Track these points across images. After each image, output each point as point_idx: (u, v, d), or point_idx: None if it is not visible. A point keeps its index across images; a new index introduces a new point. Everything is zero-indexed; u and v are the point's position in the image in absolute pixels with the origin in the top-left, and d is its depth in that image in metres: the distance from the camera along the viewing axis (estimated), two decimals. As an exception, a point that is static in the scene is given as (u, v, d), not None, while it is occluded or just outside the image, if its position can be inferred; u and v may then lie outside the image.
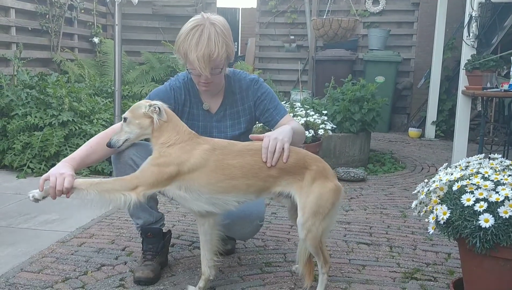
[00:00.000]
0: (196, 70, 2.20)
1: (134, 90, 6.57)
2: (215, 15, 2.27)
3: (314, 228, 2.07)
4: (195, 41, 2.16)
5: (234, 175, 2.05)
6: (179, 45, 2.23)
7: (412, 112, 8.42)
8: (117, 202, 2.02)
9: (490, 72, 4.91)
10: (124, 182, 2.05)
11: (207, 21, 2.20)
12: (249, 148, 2.13)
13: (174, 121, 2.12)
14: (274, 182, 2.10)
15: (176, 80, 2.46)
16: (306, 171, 2.10)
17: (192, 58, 2.17)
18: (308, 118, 4.86)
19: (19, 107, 4.75)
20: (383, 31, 8.12)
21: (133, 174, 2.07)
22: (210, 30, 2.17)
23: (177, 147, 2.06)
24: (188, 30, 2.20)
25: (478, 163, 2.20)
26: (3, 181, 4.32)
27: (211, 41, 2.16)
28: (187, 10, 8.43)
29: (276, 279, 2.47)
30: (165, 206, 3.61)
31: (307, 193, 2.08)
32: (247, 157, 2.09)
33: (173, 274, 2.51)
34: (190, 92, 2.43)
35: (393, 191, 4.34)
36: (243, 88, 2.47)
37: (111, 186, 2.03)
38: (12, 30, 6.21)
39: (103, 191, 2.02)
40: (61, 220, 3.33)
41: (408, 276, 2.54)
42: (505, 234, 1.92)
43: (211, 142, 2.12)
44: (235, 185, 2.06)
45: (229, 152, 2.09)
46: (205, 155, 2.05)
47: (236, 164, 2.06)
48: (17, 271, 2.49)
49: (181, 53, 2.23)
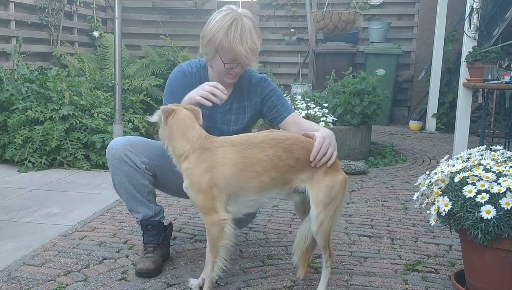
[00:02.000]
0: (241, 62, 2.24)
1: (134, 84, 6.56)
2: (240, 8, 2.30)
3: (326, 221, 2.09)
4: (239, 35, 2.19)
5: (263, 169, 2.04)
6: (219, 40, 2.20)
7: (412, 104, 8.41)
8: (224, 238, 2.05)
9: (491, 64, 4.89)
10: (210, 224, 2.04)
11: (239, 13, 2.23)
12: (271, 137, 2.09)
13: (182, 126, 2.07)
14: (295, 174, 2.09)
15: (188, 66, 2.46)
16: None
17: (239, 52, 2.19)
18: (309, 111, 4.86)
19: (20, 101, 4.75)
20: (383, 23, 8.09)
21: (202, 212, 2.07)
22: (247, 23, 2.22)
23: (192, 160, 2.03)
24: (227, 25, 2.20)
25: (479, 154, 2.20)
26: (4, 175, 4.32)
27: (252, 34, 2.22)
28: (187, 4, 8.40)
29: (278, 272, 2.47)
30: (166, 199, 3.61)
31: (319, 186, 2.08)
32: (268, 151, 2.06)
33: (175, 267, 2.52)
34: (202, 80, 2.42)
35: (394, 183, 4.34)
36: (252, 84, 2.48)
37: (213, 238, 2.05)
38: (12, 24, 6.19)
39: (215, 247, 2.06)
40: (63, 214, 3.33)
41: (409, 268, 2.54)
42: (507, 225, 1.92)
43: (227, 140, 2.09)
44: (263, 183, 2.06)
45: (252, 145, 2.06)
46: (227, 156, 2.03)
47: (263, 157, 2.04)
48: (19, 265, 2.50)
49: (224, 47, 2.21)
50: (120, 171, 2.38)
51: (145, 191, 2.44)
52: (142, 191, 2.43)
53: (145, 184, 2.43)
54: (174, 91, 2.41)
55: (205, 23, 2.30)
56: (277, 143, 2.07)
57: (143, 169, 2.39)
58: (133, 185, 2.39)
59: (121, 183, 2.40)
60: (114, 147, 2.38)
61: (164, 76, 7.14)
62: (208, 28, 2.25)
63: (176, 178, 2.16)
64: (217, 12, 2.27)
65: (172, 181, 2.32)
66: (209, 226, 2.06)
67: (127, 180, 2.38)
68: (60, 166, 4.61)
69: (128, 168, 2.37)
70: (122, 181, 2.39)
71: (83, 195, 3.80)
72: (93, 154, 4.66)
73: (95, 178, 4.30)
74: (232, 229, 2.06)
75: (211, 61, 2.34)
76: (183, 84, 2.38)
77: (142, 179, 2.41)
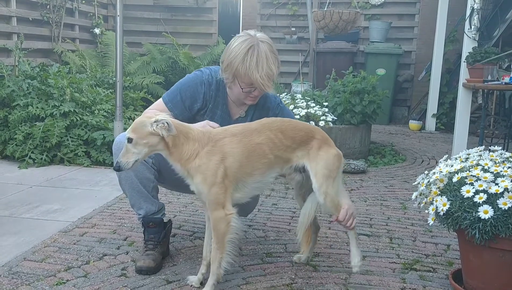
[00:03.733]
0: (257, 87, 2.30)
1: (135, 81, 6.57)
2: (258, 32, 2.36)
3: (329, 191, 2.21)
4: (255, 62, 2.24)
5: (265, 152, 2.14)
6: (236, 66, 2.27)
7: (412, 104, 8.42)
8: (231, 232, 2.10)
9: (491, 65, 4.91)
10: (217, 220, 2.09)
11: (257, 39, 2.28)
12: (263, 123, 2.22)
13: (183, 130, 2.08)
14: (292, 152, 2.22)
15: (209, 76, 2.48)
16: (313, 140, 2.25)
17: (255, 78, 2.25)
18: (309, 109, 4.87)
19: (21, 98, 4.76)
20: (384, 23, 8.10)
21: (210, 208, 2.11)
22: (263, 49, 2.27)
23: (204, 155, 2.06)
24: (244, 51, 2.25)
25: (478, 155, 2.22)
26: (5, 171, 4.34)
27: (269, 60, 2.27)
28: (188, 1, 8.41)
29: (277, 269, 2.49)
30: (166, 196, 3.63)
31: (316, 160, 2.22)
32: (267, 132, 2.17)
33: (175, 264, 2.54)
34: (220, 93, 2.48)
35: (393, 183, 4.35)
36: (265, 106, 2.55)
37: (220, 233, 2.09)
38: (13, 21, 6.19)
39: (222, 243, 2.10)
40: (63, 210, 3.35)
41: (407, 267, 2.56)
42: (504, 225, 1.94)
43: (227, 131, 2.16)
44: (268, 162, 2.17)
45: (250, 132, 2.15)
46: (233, 145, 2.10)
47: (262, 141, 2.14)
48: (20, 260, 2.51)
49: (241, 73, 2.28)
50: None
51: (150, 186, 2.46)
52: (147, 185, 2.44)
53: (151, 179, 2.45)
54: (182, 91, 2.44)
55: (225, 48, 2.36)
56: (270, 126, 2.20)
57: (149, 163, 2.41)
58: (139, 179, 2.41)
59: (127, 177, 2.41)
60: (121, 141, 2.34)
61: (165, 74, 7.16)
62: (227, 54, 2.31)
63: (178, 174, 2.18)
64: (236, 38, 2.33)
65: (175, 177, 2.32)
66: (216, 222, 2.09)
67: (134, 174, 2.39)
68: (61, 162, 4.62)
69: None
70: (128, 175, 2.39)
71: (84, 191, 3.81)
72: (94, 151, 4.67)
73: (96, 174, 4.31)
74: (238, 222, 2.12)
75: (230, 84, 2.39)
76: (193, 91, 2.43)
77: (148, 173, 2.42)
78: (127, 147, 2.04)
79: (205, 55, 7.94)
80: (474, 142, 5.28)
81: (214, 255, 2.13)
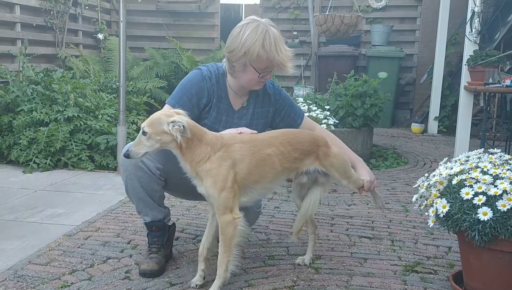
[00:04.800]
0: (278, 69, 2.34)
1: (138, 86, 6.61)
2: (261, 18, 2.37)
3: (354, 178, 2.46)
4: (274, 45, 2.27)
5: (274, 164, 2.20)
6: (257, 52, 2.26)
7: (414, 107, 8.44)
8: (238, 235, 2.14)
9: (493, 67, 4.93)
10: (225, 224, 2.12)
11: (265, 24, 2.30)
12: (272, 135, 2.29)
13: (198, 133, 2.09)
14: (300, 162, 2.31)
15: (207, 70, 2.48)
16: (318, 148, 2.33)
17: (278, 60, 2.28)
18: (311, 113, 4.90)
19: (25, 103, 4.80)
20: (385, 26, 8.13)
21: (219, 212, 2.12)
22: (275, 32, 2.30)
23: (215, 160, 2.08)
24: (261, 37, 2.26)
25: (477, 157, 2.24)
26: (10, 176, 4.38)
27: (282, 42, 2.32)
28: (190, 7, 8.46)
29: (279, 272, 2.51)
30: (169, 200, 3.65)
31: (333, 166, 2.36)
32: (277, 144, 2.22)
33: (178, 267, 2.56)
34: (220, 86, 2.48)
35: (395, 186, 4.37)
36: (266, 92, 2.57)
37: (228, 237, 2.12)
38: (17, 27, 6.25)
39: (229, 246, 2.13)
40: (67, 214, 3.38)
41: (408, 269, 2.57)
42: (503, 227, 1.96)
43: (236, 138, 2.19)
44: (276, 172, 2.23)
45: (259, 142, 2.20)
46: (243, 152, 2.13)
47: (271, 152, 2.19)
48: (25, 264, 2.54)
49: (263, 58, 2.27)
50: (134, 177, 2.37)
51: (157, 196, 2.46)
52: (154, 195, 2.44)
53: (158, 189, 2.45)
54: (186, 91, 2.43)
55: (231, 37, 2.33)
56: (279, 139, 2.26)
57: (157, 175, 2.39)
58: (146, 190, 2.40)
59: (133, 188, 2.40)
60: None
61: (168, 78, 7.20)
62: (240, 42, 2.27)
63: (186, 182, 2.19)
64: (244, 26, 2.30)
65: (183, 185, 2.36)
66: (224, 226, 2.12)
67: (140, 185, 2.39)
68: (65, 167, 4.66)
69: (143, 174, 2.37)
70: (135, 186, 2.39)
71: (87, 195, 3.85)
72: (97, 155, 4.71)
73: (99, 179, 4.35)
74: (245, 226, 2.15)
75: (239, 73, 2.37)
76: (197, 88, 2.42)
77: (156, 185, 2.42)
78: (140, 138, 2.07)
79: (208, 59, 7.97)
80: (476, 145, 5.29)
81: (222, 258, 2.16)
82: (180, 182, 2.41)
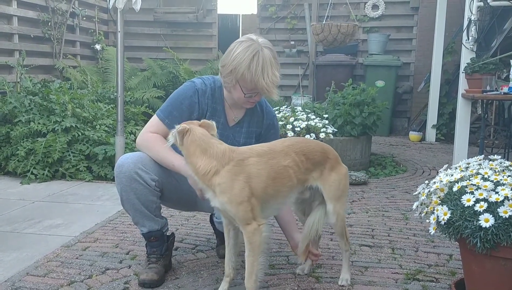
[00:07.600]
0: (262, 93, 2.32)
1: (136, 96, 6.61)
2: (259, 37, 2.33)
3: (341, 211, 2.34)
4: (260, 68, 2.23)
5: (290, 176, 2.17)
6: (242, 72, 2.24)
7: (412, 115, 8.45)
8: (265, 242, 2.12)
9: (490, 75, 4.95)
10: (251, 233, 2.08)
11: (260, 45, 2.27)
12: (287, 144, 2.23)
13: (202, 145, 2.04)
14: (309, 174, 2.27)
15: (202, 84, 2.46)
16: (327, 161, 2.31)
17: (261, 85, 2.25)
18: (309, 122, 4.90)
19: (23, 114, 4.79)
20: (382, 35, 8.17)
21: (242, 224, 2.08)
22: (267, 54, 2.26)
23: (224, 174, 2.02)
24: (249, 57, 2.23)
25: (478, 164, 2.23)
26: (7, 187, 4.35)
27: (273, 66, 2.27)
28: (188, 17, 8.49)
29: (279, 281, 2.49)
30: (168, 210, 3.63)
31: (329, 182, 2.30)
32: (292, 155, 2.19)
33: (177, 277, 2.54)
34: (216, 100, 2.47)
35: (394, 194, 4.36)
36: (263, 113, 2.57)
37: (256, 245, 2.09)
38: (15, 38, 6.26)
39: (258, 255, 2.10)
40: (65, 225, 3.36)
41: (410, 277, 2.56)
42: (505, 233, 1.94)
43: (252, 151, 2.13)
44: (291, 185, 2.20)
45: (276, 154, 2.16)
46: (259, 166, 2.09)
47: (288, 164, 2.16)
48: (23, 275, 2.52)
49: (246, 80, 2.25)
50: (129, 189, 2.34)
51: (153, 207, 2.43)
52: (150, 207, 2.41)
53: (154, 200, 2.41)
54: (176, 105, 2.41)
55: (226, 52, 2.33)
56: (294, 148, 2.21)
57: (152, 187, 2.36)
58: (142, 201, 2.37)
59: (129, 199, 2.37)
60: (124, 165, 2.34)
61: (166, 88, 7.20)
62: (230, 59, 2.27)
63: (182, 194, 2.17)
64: (238, 43, 2.29)
65: (178, 197, 2.34)
66: (250, 235, 2.07)
67: (135, 197, 2.35)
68: (63, 177, 4.64)
69: (138, 186, 2.34)
70: (131, 198, 2.36)
71: (86, 206, 3.82)
72: (95, 166, 4.69)
73: (97, 189, 4.32)
74: (268, 231, 2.14)
75: (230, 88, 2.37)
76: (189, 102, 2.40)
77: (151, 196, 2.38)
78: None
79: (205, 69, 7.99)
80: (474, 153, 5.29)
81: (251, 269, 2.10)
82: (176, 194, 2.39)
